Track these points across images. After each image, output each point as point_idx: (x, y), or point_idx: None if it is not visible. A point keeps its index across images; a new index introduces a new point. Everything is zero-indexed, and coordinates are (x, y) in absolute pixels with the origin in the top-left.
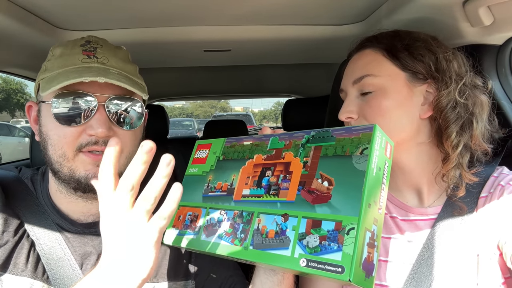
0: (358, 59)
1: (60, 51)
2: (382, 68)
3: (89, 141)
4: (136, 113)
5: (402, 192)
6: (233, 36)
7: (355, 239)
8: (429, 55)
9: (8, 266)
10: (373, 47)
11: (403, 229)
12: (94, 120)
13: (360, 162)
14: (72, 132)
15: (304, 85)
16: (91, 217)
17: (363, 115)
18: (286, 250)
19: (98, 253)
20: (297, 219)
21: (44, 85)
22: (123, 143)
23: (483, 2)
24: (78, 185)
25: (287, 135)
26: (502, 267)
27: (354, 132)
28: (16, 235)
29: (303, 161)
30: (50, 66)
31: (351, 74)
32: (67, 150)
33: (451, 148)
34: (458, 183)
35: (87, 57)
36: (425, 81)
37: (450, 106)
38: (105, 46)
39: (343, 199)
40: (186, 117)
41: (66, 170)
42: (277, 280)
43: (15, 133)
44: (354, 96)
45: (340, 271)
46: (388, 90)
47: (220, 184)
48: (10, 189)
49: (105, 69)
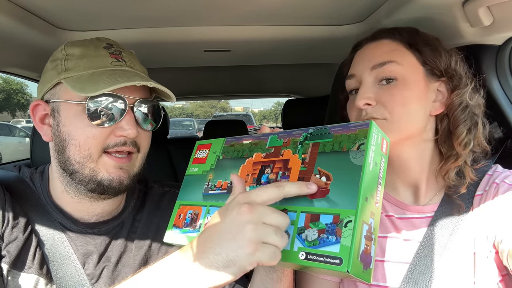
0: (377, 47)
1: (81, 51)
2: (405, 58)
3: (117, 142)
4: (156, 117)
5: (398, 189)
6: (233, 36)
7: (352, 231)
8: (446, 55)
9: (17, 262)
10: (393, 38)
11: (399, 227)
12: (124, 122)
13: (357, 157)
14: (102, 133)
15: (304, 85)
16: (94, 217)
17: (382, 102)
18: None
19: (100, 252)
20: (296, 214)
21: (74, 84)
22: (143, 144)
23: (482, 2)
24: (98, 187)
25: (285, 133)
26: (498, 265)
27: (351, 129)
28: (25, 232)
29: (302, 157)
30: (73, 65)
31: (370, 59)
32: (94, 151)
33: (462, 147)
34: (458, 182)
35: (116, 60)
36: (439, 79)
37: (461, 106)
38: (125, 50)
39: (341, 193)
40: (186, 117)
41: (88, 171)
42: (276, 277)
43: (16, 133)
44: (370, 82)
45: (338, 263)
46: (409, 81)
47: (220, 183)
48: (14, 189)
49: (137, 73)
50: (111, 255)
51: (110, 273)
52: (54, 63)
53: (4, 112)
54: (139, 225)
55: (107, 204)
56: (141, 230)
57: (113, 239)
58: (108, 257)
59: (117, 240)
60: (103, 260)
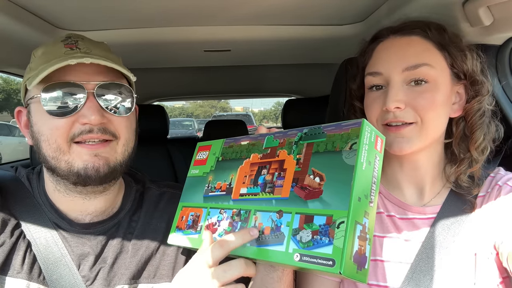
0: (408, 44)
1: (42, 50)
2: (437, 60)
3: (82, 130)
4: (126, 99)
5: (402, 189)
6: (233, 36)
7: (345, 232)
8: (470, 57)
9: (4, 267)
10: (424, 36)
11: (400, 227)
12: (85, 109)
13: (349, 157)
14: (65, 122)
15: (304, 85)
16: (88, 217)
17: (412, 105)
18: (281, 246)
19: (96, 253)
20: (291, 215)
21: (30, 83)
22: (119, 130)
23: (482, 2)
24: (78, 178)
25: (281, 133)
26: (499, 267)
27: (344, 128)
28: (13, 236)
29: (296, 158)
30: (34, 65)
31: (400, 59)
32: (61, 142)
33: (479, 152)
34: (468, 183)
35: (69, 49)
36: (460, 81)
37: (480, 112)
38: (86, 40)
39: (334, 194)
40: (186, 117)
41: (64, 164)
42: (276, 276)
43: (16, 133)
44: (400, 83)
45: (331, 264)
46: (440, 84)
47: (219, 184)
48: (7, 189)
49: (88, 56)
50: (107, 256)
51: (106, 275)
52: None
53: (4, 112)
54: (136, 226)
55: (99, 202)
56: (138, 231)
57: (109, 240)
58: (104, 258)
59: (113, 240)
60: (99, 262)
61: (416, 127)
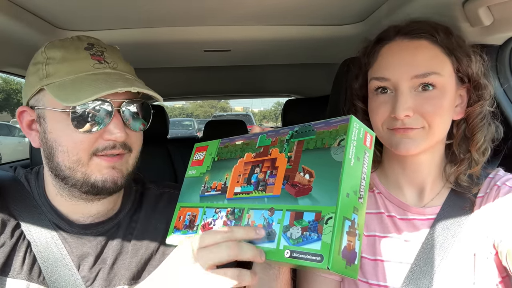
0: (416, 50)
1: (61, 55)
2: (444, 67)
3: (106, 146)
4: (145, 115)
5: (403, 190)
6: (233, 36)
7: (332, 228)
8: (475, 61)
9: (5, 268)
10: (432, 41)
11: (400, 228)
12: (112, 125)
13: (337, 154)
14: (89, 138)
15: (304, 85)
16: (89, 218)
17: (420, 112)
18: (272, 243)
19: (96, 254)
20: (282, 212)
21: (56, 92)
22: (134, 145)
23: (482, 2)
24: (92, 189)
25: (274, 132)
26: (498, 266)
27: (333, 125)
28: (13, 237)
29: (288, 156)
30: (54, 71)
31: (408, 65)
32: (83, 155)
33: (480, 154)
34: (468, 183)
35: (97, 62)
36: (464, 84)
37: (481, 115)
38: (108, 49)
39: (322, 190)
40: (186, 117)
41: (80, 175)
42: (273, 274)
43: (15, 133)
44: (408, 90)
45: (319, 260)
46: (447, 90)
47: (215, 184)
48: (7, 189)
49: (120, 75)
50: (107, 257)
51: (105, 275)
52: (35, 67)
53: (4, 112)
54: (136, 226)
55: (102, 205)
56: (138, 231)
57: (109, 240)
58: (104, 258)
59: (113, 241)
60: (99, 262)
61: (424, 131)
